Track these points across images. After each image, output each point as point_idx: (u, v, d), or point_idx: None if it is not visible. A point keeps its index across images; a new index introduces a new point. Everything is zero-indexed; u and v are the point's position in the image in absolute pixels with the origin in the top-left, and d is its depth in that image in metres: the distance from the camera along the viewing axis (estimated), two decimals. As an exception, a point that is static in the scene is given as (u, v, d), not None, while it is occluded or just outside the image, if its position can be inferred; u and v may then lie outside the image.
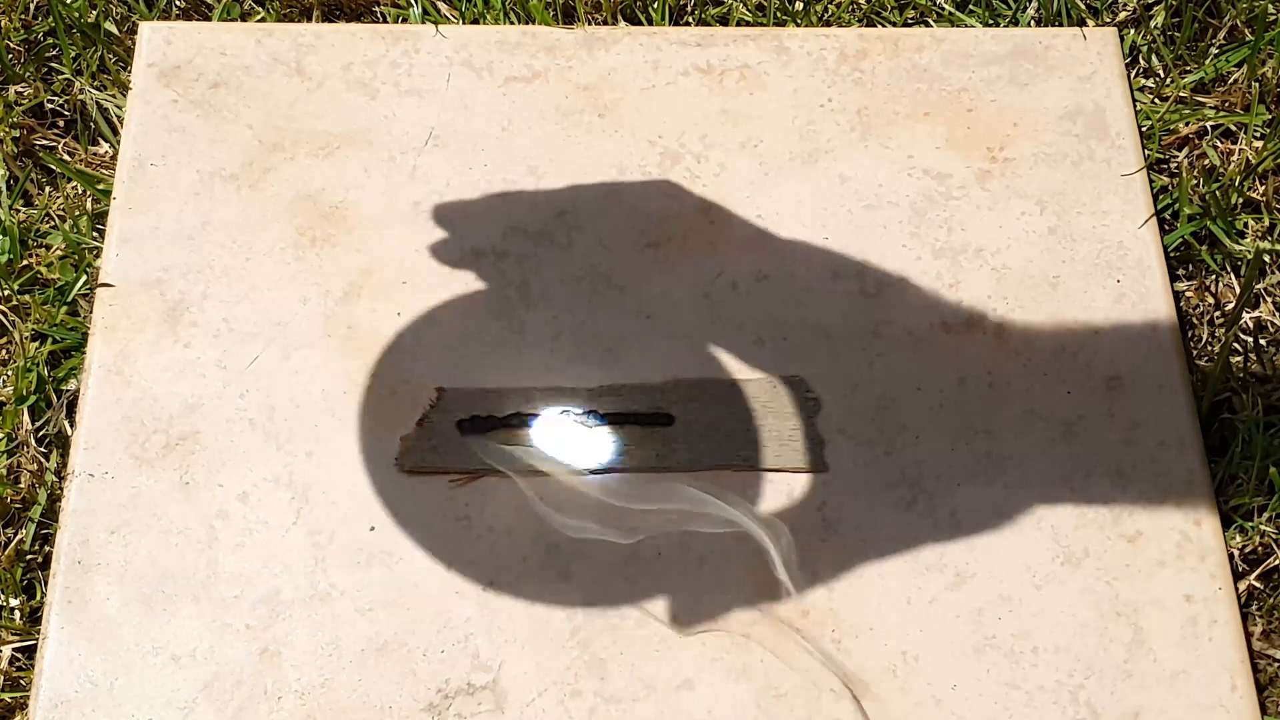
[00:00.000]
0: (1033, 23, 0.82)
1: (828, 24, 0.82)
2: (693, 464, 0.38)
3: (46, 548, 0.68)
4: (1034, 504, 0.67)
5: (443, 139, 0.75)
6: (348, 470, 0.67)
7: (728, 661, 0.63)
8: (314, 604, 0.64)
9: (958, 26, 0.82)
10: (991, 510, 0.67)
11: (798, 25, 0.82)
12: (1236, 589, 0.67)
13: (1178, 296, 0.74)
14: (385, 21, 0.82)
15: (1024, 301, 0.72)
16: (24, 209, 0.76)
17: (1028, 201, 0.75)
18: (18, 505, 0.68)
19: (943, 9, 0.83)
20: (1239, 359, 0.73)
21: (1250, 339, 0.73)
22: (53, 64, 0.81)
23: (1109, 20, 0.83)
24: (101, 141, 0.79)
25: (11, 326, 0.72)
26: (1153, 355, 0.71)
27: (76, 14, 0.81)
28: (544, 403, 0.44)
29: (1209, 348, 0.73)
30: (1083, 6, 0.83)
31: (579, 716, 0.62)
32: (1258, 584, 0.68)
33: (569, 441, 0.44)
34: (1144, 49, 0.82)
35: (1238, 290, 0.74)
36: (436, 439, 0.45)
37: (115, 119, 0.78)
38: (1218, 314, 0.74)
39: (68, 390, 0.71)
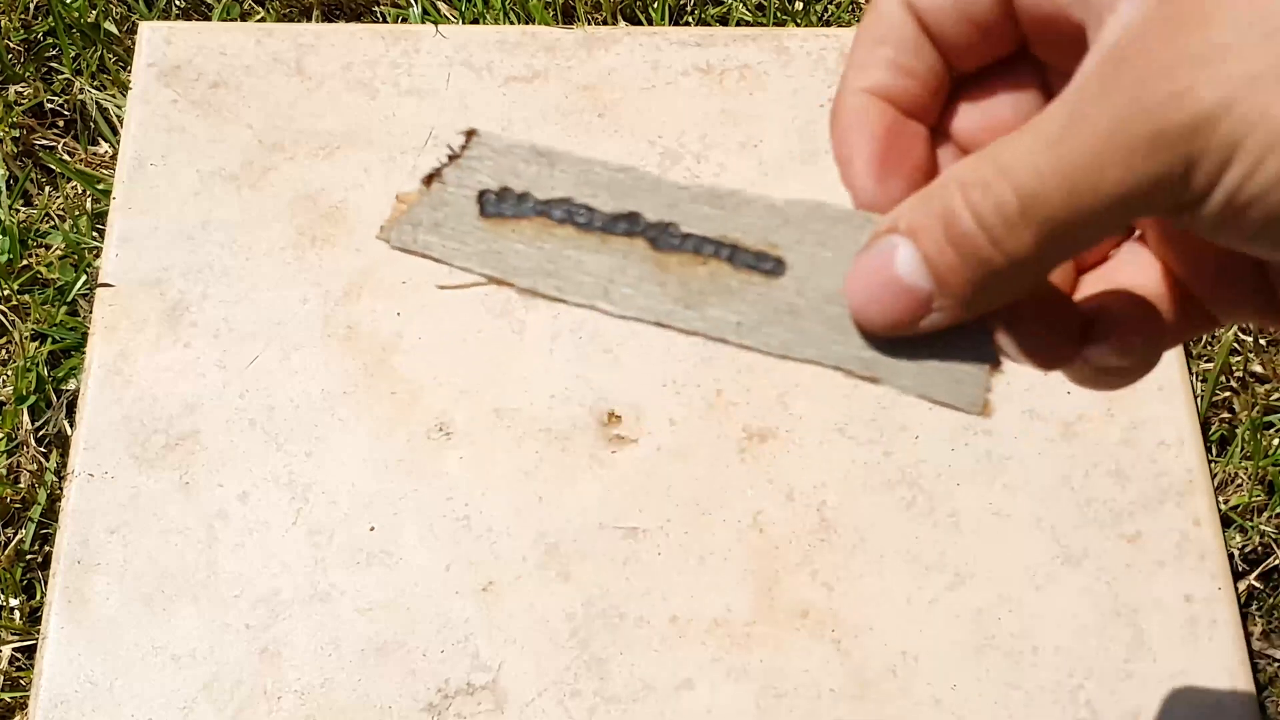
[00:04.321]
0: (1033, 23, 0.82)
1: (828, 24, 0.82)
2: (789, 347, 0.29)
3: (46, 548, 0.68)
4: (1034, 504, 0.67)
5: (443, 139, 0.75)
6: (348, 470, 0.67)
7: (728, 661, 0.63)
8: (314, 604, 0.64)
9: (958, 26, 0.82)
10: (991, 510, 0.67)
11: (798, 25, 0.82)
12: (1236, 589, 0.67)
13: (1178, 296, 0.74)
14: (385, 21, 0.82)
15: (1024, 301, 0.72)
16: (24, 209, 0.76)
17: (1028, 201, 0.75)
18: (18, 505, 0.68)
19: (943, 9, 0.83)
20: (1239, 359, 0.73)
21: (1250, 339, 0.73)
22: (53, 64, 0.81)
23: (1109, 20, 0.83)
24: (101, 141, 0.79)
25: (11, 326, 0.72)
26: (1153, 355, 0.71)
27: (76, 14, 0.81)
28: (610, 192, 0.31)
29: (1209, 348, 0.73)
30: (1083, 6, 0.83)
31: (579, 716, 0.62)
32: (1258, 584, 0.68)
33: (625, 265, 0.30)
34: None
35: (1238, 290, 0.74)
36: (444, 209, 0.31)
37: (115, 119, 0.78)
38: (1218, 314, 0.74)
39: (68, 390, 0.71)
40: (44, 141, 0.79)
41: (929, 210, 0.27)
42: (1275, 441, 0.70)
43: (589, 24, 0.81)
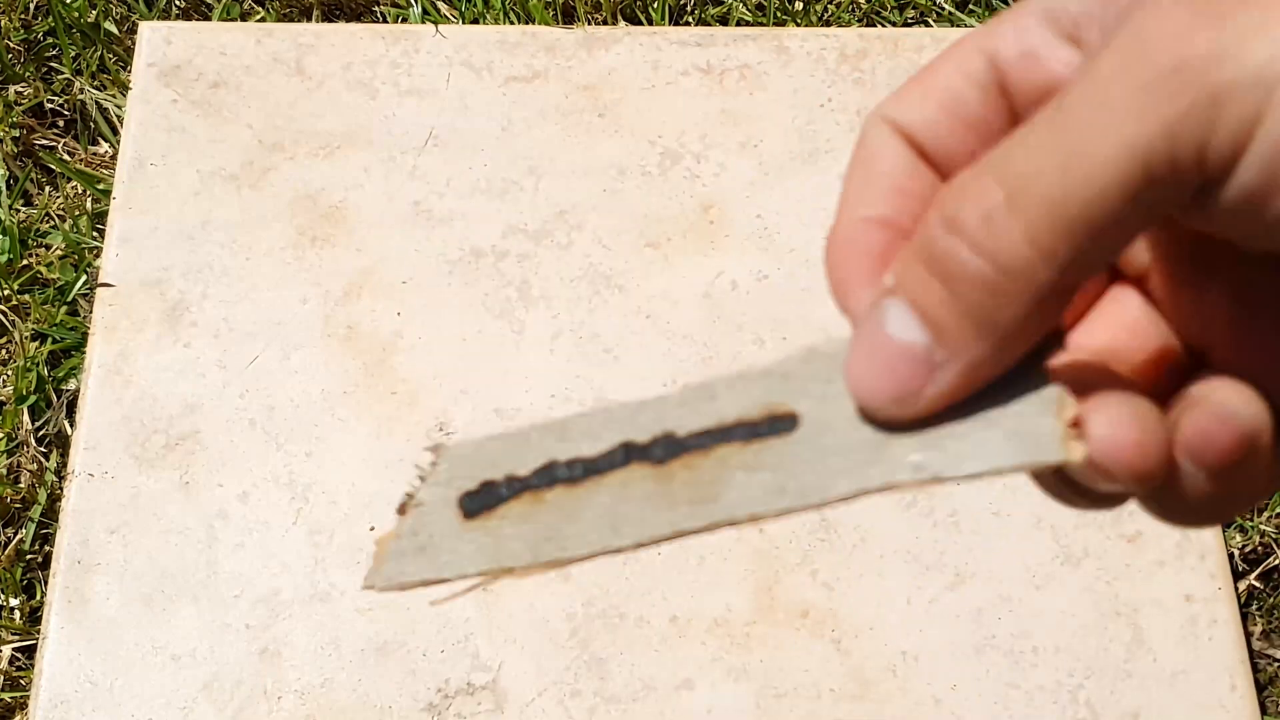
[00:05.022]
0: (1033, 23, 0.82)
1: (828, 24, 0.82)
2: (826, 490, 0.26)
3: (46, 548, 0.68)
4: (1034, 504, 0.67)
5: (443, 139, 0.75)
6: (348, 470, 0.67)
7: (728, 661, 0.63)
8: (314, 604, 0.64)
9: (958, 26, 0.82)
10: (991, 510, 0.67)
11: (798, 25, 0.82)
12: (1236, 589, 0.67)
13: (1178, 296, 0.74)
14: (385, 21, 0.82)
15: (1024, 301, 0.72)
16: (24, 209, 0.76)
17: (1028, 201, 0.75)
18: (18, 505, 0.68)
19: (943, 9, 0.83)
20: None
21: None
22: (53, 64, 0.81)
23: (1109, 20, 0.83)
24: (101, 141, 0.79)
25: (11, 326, 0.72)
26: (1153, 355, 0.71)
27: (76, 14, 0.81)
28: (590, 439, 0.28)
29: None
30: (1083, 6, 0.83)
31: (579, 716, 0.62)
32: (1258, 584, 0.68)
33: (627, 493, 0.27)
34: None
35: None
36: (427, 531, 0.29)
37: (115, 119, 0.78)
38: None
39: (68, 390, 0.71)
40: (44, 141, 0.79)
41: (910, 253, 0.22)
42: (1275, 441, 0.70)
43: (589, 24, 0.81)
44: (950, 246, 0.21)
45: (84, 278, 0.73)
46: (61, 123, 0.80)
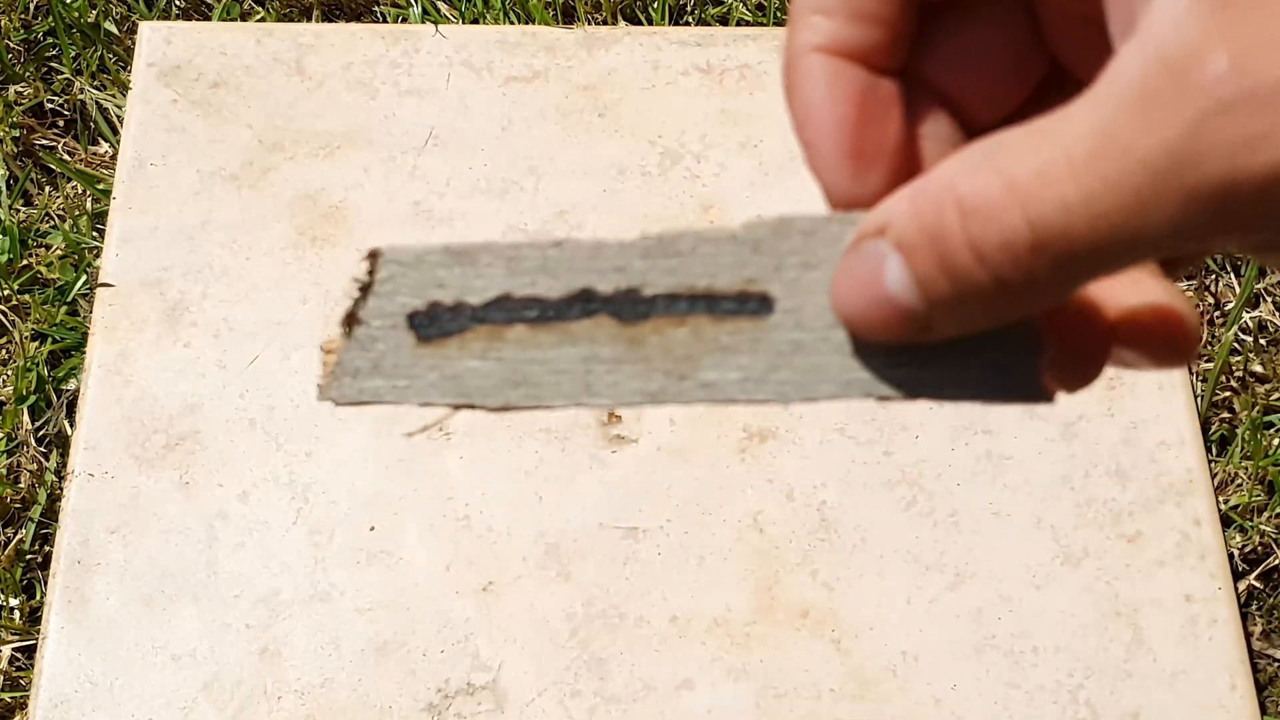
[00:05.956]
0: (1033, 23, 0.82)
1: (828, 24, 0.82)
2: (806, 389, 0.26)
3: (46, 548, 0.68)
4: (1034, 504, 0.67)
5: (443, 139, 0.76)
6: (348, 470, 0.67)
7: (728, 661, 0.63)
8: (314, 604, 0.64)
9: (958, 26, 0.82)
10: (991, 510, 0.67)
11: (798, 25, 0.82)
12: (1236, 589, 0.67)
13: (1178, 296, 0.74)
14: (385, 21, 0.82)
15: (1024, 301, 0.72)
16: (24, 209, 0.76)
17: (1028, 201, 0.75)
18: (18, 505, 0.68)
19: (943, 9, 0.83)
20: (1239, 359, 0.73)
21: (1250, 339, 0.73)
22: (53, 64, 0.81)
23: (1109, 20, 0.83)
24: (101, 141, 0.79)
25: (11, 326, 0.72)
26: (1153, 355, 0.71)
27: (76, 14, 0.81)
28: (548, 273, 0.27)
29: (1209, 347, 0.73)
30: (1083, 6, 0.83)
31: (579, 716, 0.62)
32: (1258, 584, 0.68)
33: (596, 350, 0.27)
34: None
35: (1238, 290, 0.74)
36: (377, 347, 0.28)
37: (115, 119, 0.78)
38: (1218, 314, 0.74)
39: (68, 390, 0.71)
40: (44, 141, 0.79)
41: (919, 225, 0.22)
42: (1275, 441, 0.70)
43: (589, 24, 0.81)
44: (963, 256, 0.22)
45: (84, 278, 0.73)
46: (61, 123, 0.80)
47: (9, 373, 0.71)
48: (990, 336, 0.24)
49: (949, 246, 0.22)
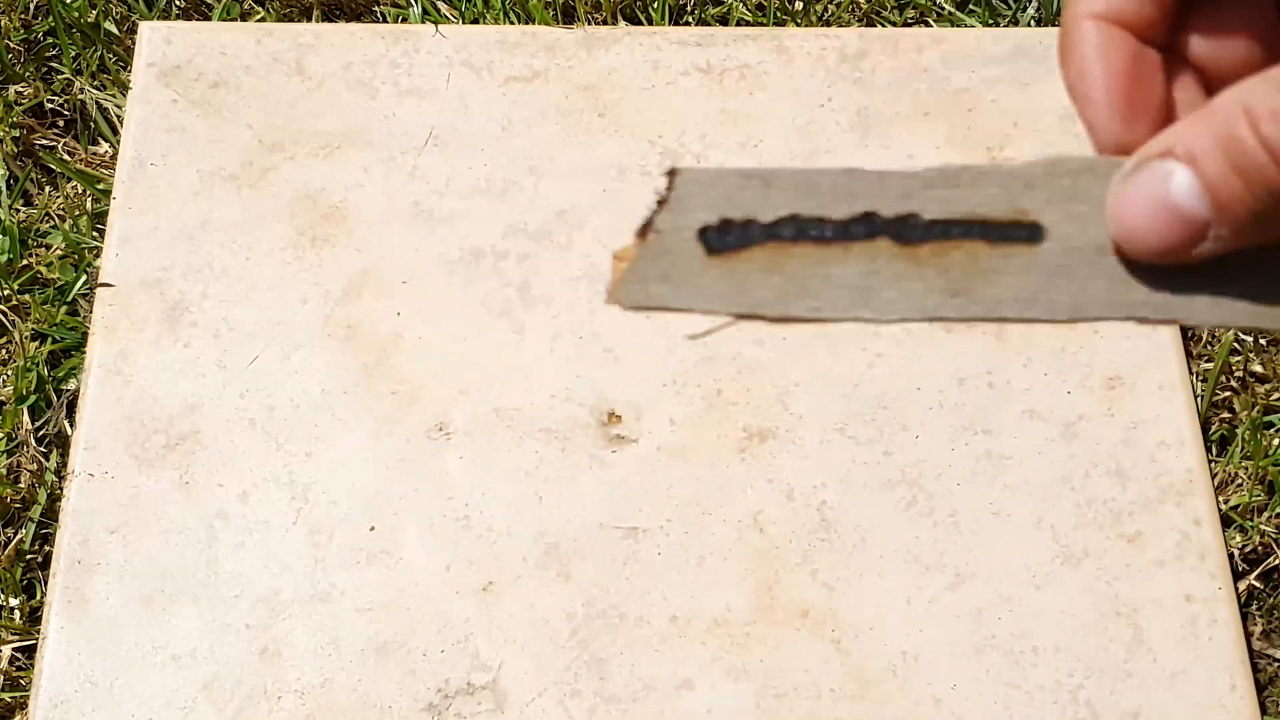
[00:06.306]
0: (1033, 23, 0.82)
1: (828, 24, 0.82)
2: (1074, 309, 0.28)
3: (46, 548, 0.68)
4: (1034, 504, 0.67)
5: (443, 139, 0.76)
6: (348, 470, 0.67)
7: (728, 661, 0.63)
8: (314, 604, 0.64)
9: (958, 26, 0.82)
10: (991, 510, 0.67)
11: (798, 25, 0.82)
12: (1236, 589, 0.67)
13: (1178, 296, 0.74)
14: (385, 21, 0.82)
15: (1024, 301, 0.72)
16: (24, 209, 0.76)
17: (1028, 201, 0.75)
18: (18, 505, 0.68)
19: (943, 9, 0.83)
20: (1239, 359, 0.73)
21: (1250, 338, 0.73)
22: (53, 64, 0.81)
23: (1109, 20, 0.83)
24: (101, 141, 0.79)
25: (11, 326, 0.72)
26: (1153, 355, 0.71)
27: (76, 14, 0.81)
28: (836, 198, 0.29)
29: (1209, 347, 0.73)
30: (1083, 6, 0.83)
31: (579, 716, 0.62)
32: (1258, 584, 0.68)
33: (874, 265, 0.29)
34: (1144, 49, 0.82)
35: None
36: (668, 258, 0.29)
37: (115, 119, 0.78)
38: (1218, 314, 0.74)
39: (68, 390, 0.71)
40: (44, 141, 0.79)
41: (1210, 136, 0.25)
42: (1275, 441, 0.70)
43: (589, 24, 0.81)
44: (1258, 157, 0.24)
45: (84, 278, 0.74)
46: (61, 123, 0.80)
47: (9, 373, 0.71)
48: (1250, 263, 0.26)
49: (1243, 149, 0.24)
